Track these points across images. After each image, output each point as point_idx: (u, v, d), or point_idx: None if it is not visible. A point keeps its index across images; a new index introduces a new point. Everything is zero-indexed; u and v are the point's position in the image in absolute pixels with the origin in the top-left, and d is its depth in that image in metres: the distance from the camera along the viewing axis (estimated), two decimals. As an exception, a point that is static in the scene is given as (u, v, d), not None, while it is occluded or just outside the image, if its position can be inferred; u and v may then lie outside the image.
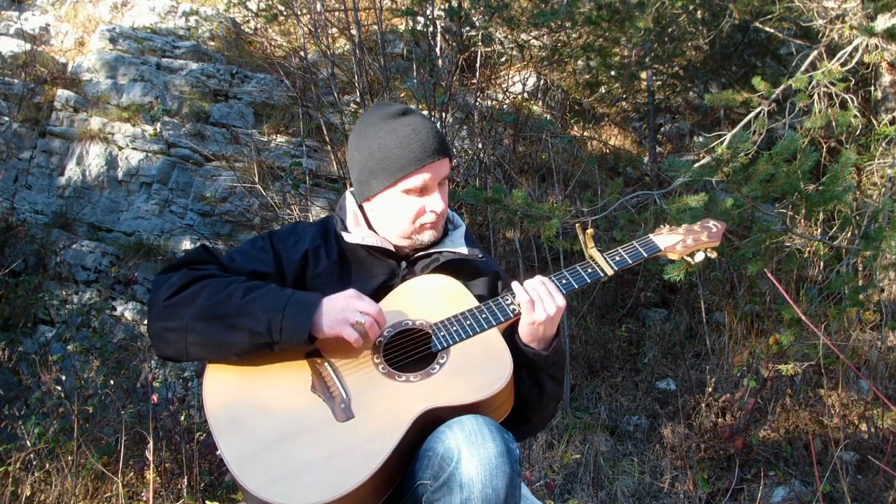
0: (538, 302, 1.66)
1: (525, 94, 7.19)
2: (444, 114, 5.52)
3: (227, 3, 7.49)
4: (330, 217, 1.92)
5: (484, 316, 1.69)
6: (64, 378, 3.37)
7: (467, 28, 5.81)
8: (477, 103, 6.25)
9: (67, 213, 5.73)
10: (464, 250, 1.84)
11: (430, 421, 1.50)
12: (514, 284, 1.72)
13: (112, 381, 3.44)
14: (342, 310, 1.58)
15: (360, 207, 1.87)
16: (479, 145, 6.02)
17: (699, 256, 1.88)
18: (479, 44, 6.18)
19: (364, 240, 1.79)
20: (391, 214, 1.78)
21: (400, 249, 1.82)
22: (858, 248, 3.53)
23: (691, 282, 5.33)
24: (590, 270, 1.78)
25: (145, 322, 5.13)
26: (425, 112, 5.45)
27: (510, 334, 1.72)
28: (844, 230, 4.58)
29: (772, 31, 5.51)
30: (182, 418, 3.21)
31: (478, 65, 6.19)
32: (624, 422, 4.42)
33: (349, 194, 1.89)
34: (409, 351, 1.68)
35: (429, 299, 1.73)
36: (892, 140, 4.92)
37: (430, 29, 5.58)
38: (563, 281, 1.75)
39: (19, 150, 5.88)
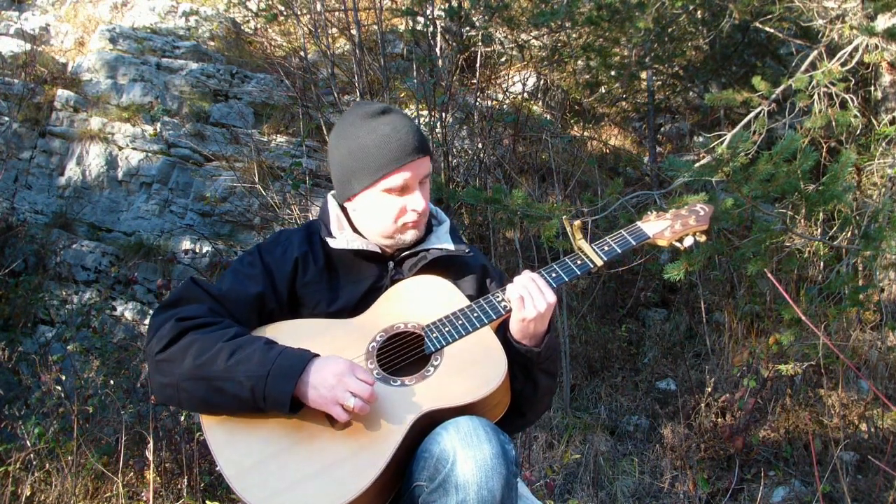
0: (528, 299, 1.64)
1: (525, 94, 7.18)
2: (444, 114, 5.52)
3: (227, 3, 7.49)
4: (313, 221, 1.89)
5: (476, 315, 1.67)
6: (64, 378, 3.36)
7: (467, 28, 5.81)
8: (477, 103, 6.24)
9: (67, 213, 5.73)
10: (450, 246, 1.82)
11: (429, 423, 1.50)
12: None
13: (112, 381, 3.43)
14: (332, 387, 1.49)
15: (343, 209, 1.84)
16: (479, 145, 6.02)
17: (688, 241, 1.83)
18: (479, 44, 6.18)
19: (349, 244, 1.76)
20: (373, 214, 1.75)
21: (385, 250, 1.80)
22: (858, 248, 3.53)
23: (691, 282, 5.32)
24: (579, 262, 1.76)
25: (145, 323, 5.13)
26: (424, 112, 5.46)
27: (502, 332, 1.70)
28: (844, 230, 4.57)
29: (772, 31, 5.50)
30: (182, 418, 3.21)
31: (478, 65, 6.18)
32: (624, 422, 4.42)
33: (331, 197, 1.87)
34: (403, 354, 1.67)
35: (420, 301, 1.72)
36: (892, 140, 4.92)
37: (430, 29, 5.58)
38: (553, 275, 1.73)
39: (19, 150, 5.87)
